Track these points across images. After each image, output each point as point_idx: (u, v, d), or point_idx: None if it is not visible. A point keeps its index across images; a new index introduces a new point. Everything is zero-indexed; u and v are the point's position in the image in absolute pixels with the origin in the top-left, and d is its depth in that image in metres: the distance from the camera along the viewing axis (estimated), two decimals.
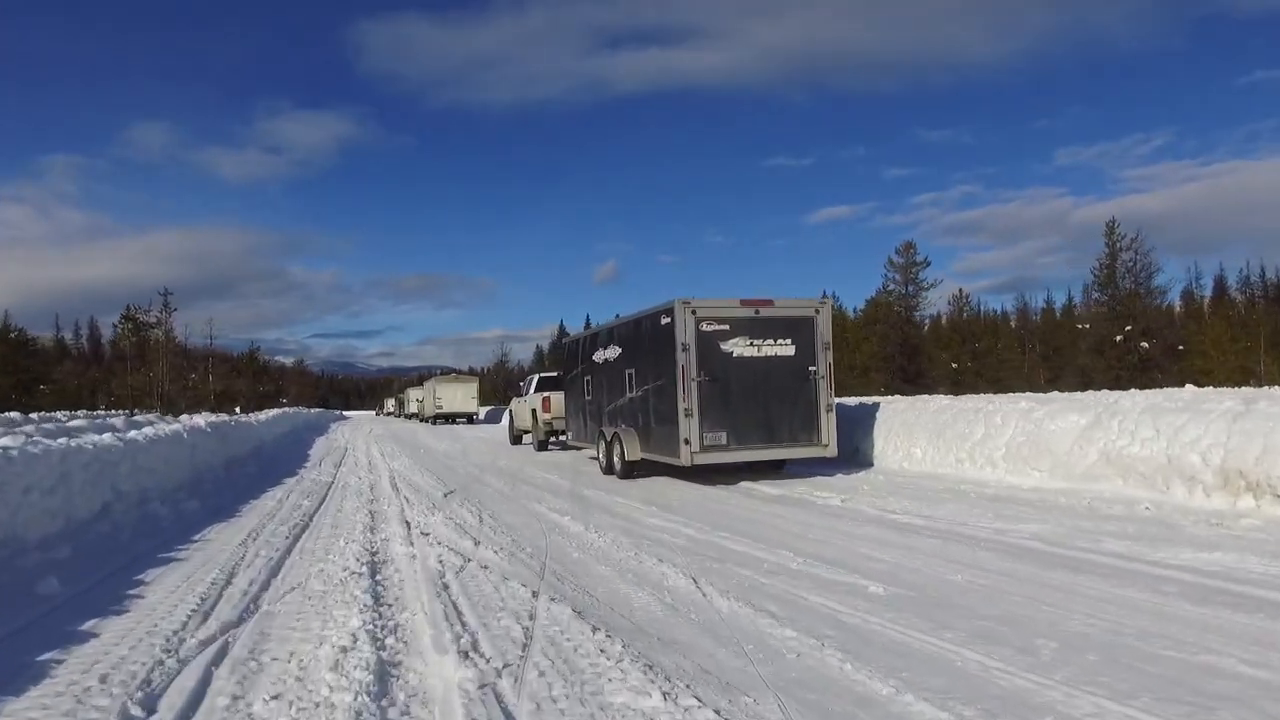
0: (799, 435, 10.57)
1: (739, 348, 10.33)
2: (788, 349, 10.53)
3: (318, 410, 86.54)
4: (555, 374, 20.57)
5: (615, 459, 11.94)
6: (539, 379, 20.18)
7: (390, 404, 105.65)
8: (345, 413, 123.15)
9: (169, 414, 41.09)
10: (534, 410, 18.90)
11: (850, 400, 15.19)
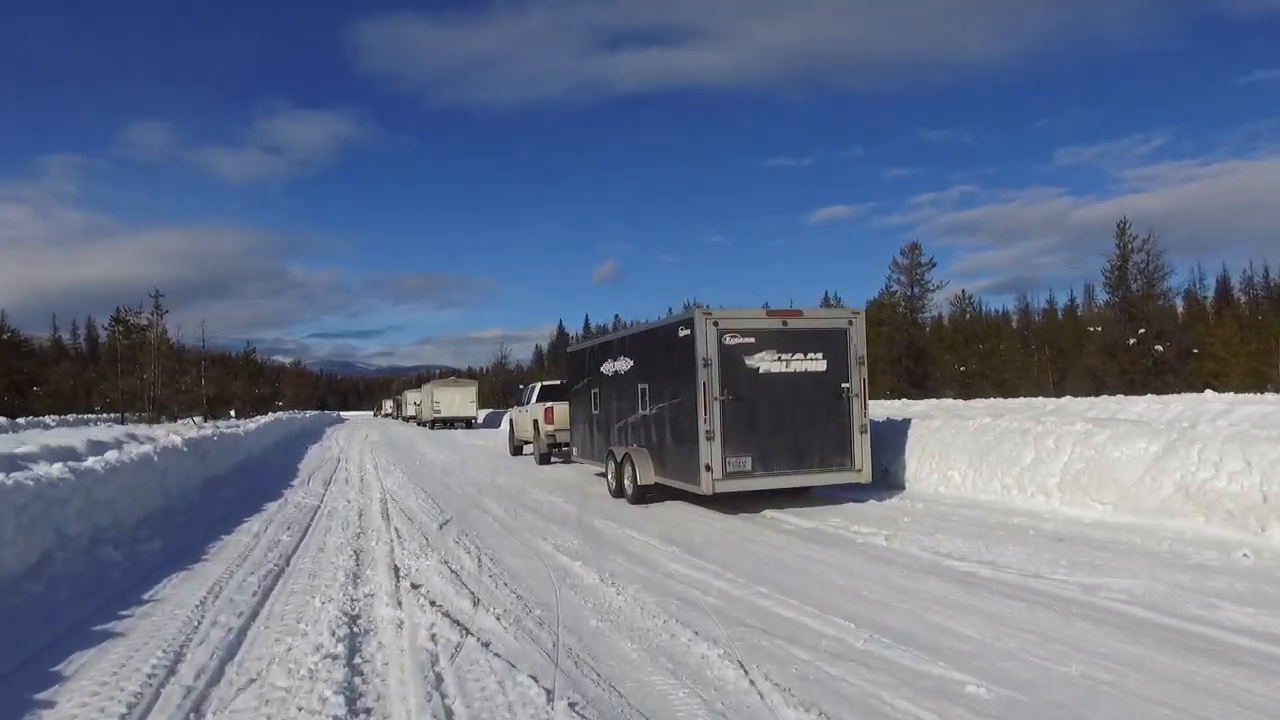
0: (830, 459, 9.63)
1: (765, 363, 9.37)
2: (818, 364, 9.58)
3: (314, 413, 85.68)
4: (558, 382, 19.64)
5: (626, 481, 11.00)
6: (540, 388, 19.23)
7: (388, 405, 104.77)
8: (343, 414, 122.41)
9: (163, 417, 40.17)
10: (536, 421, 17.95)
11: (876, 413, 14.24)
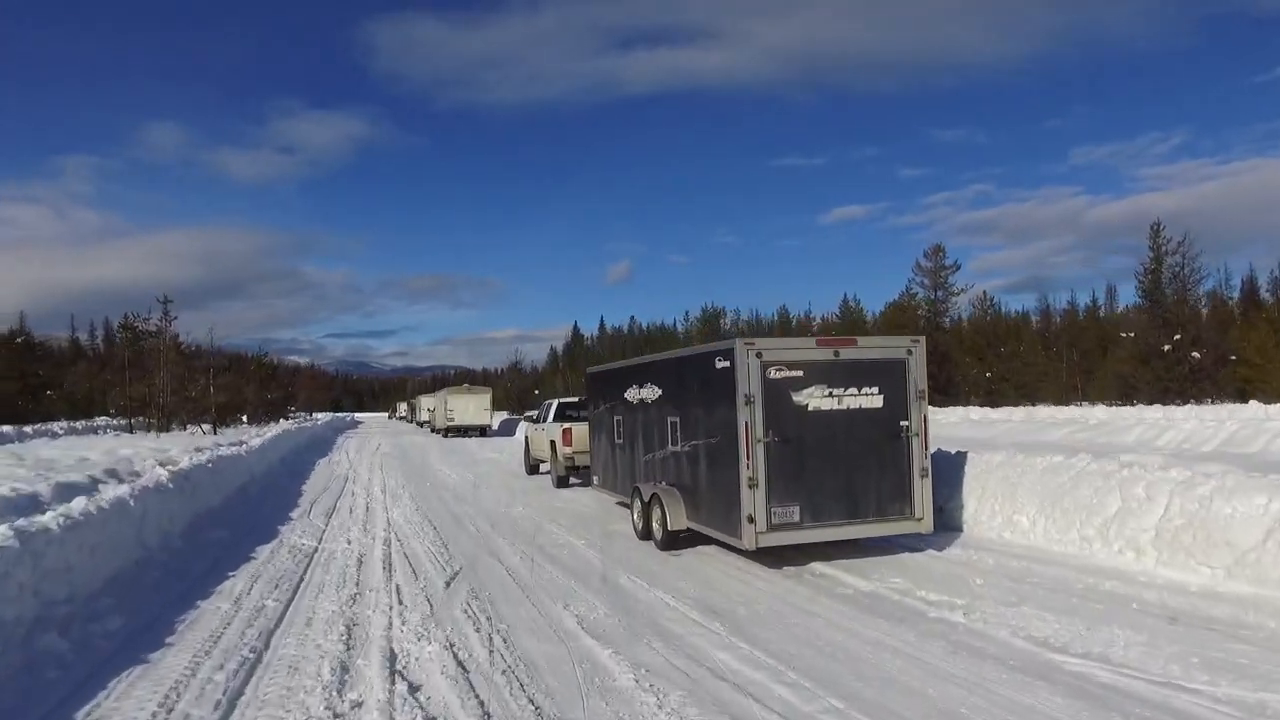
0: (887, 507, 8.50)
1: (815, 399, 8.25)
2: (874, 400, 8.45)
3: (328, 417, 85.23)
4: (575, 399, 18.60)
5: (654, 524, 9.91)
6: (557, 405, 18.17)
7: (403, 408, 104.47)
8: (357, 416, 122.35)
9: (172, 425, 39.46)
10: (553, 442, 16.90)
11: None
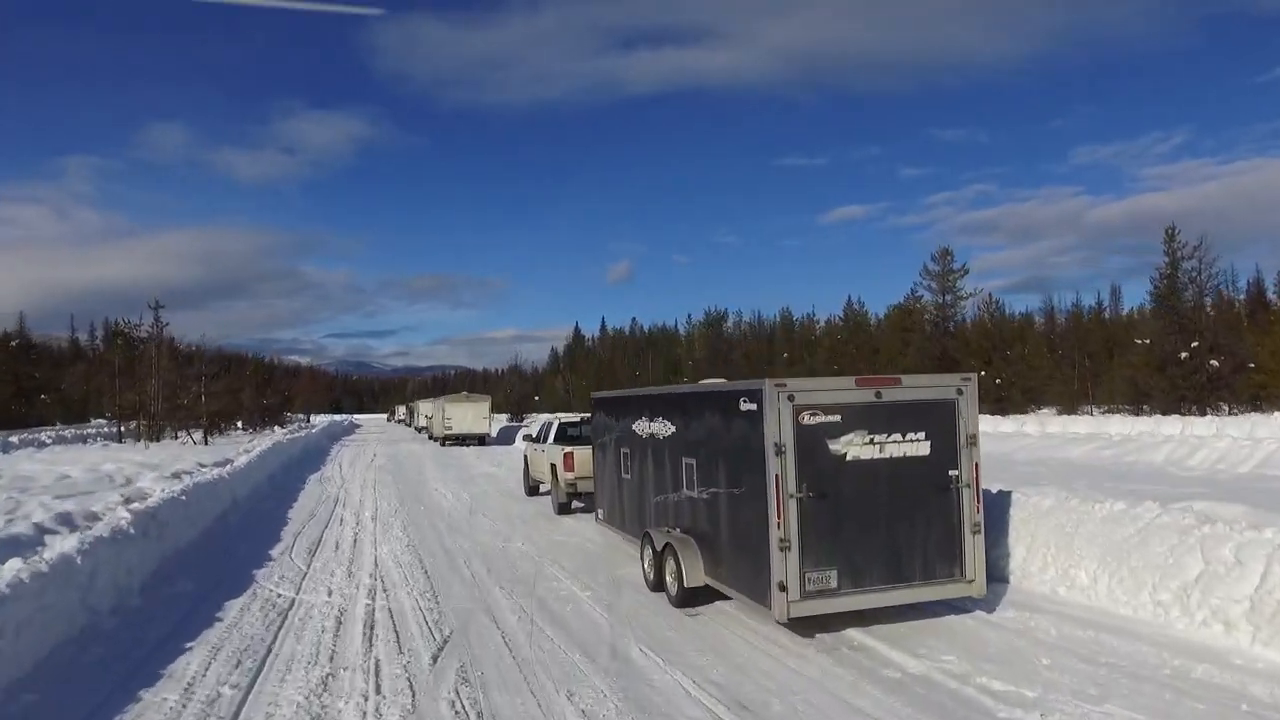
0: (935, 568, 7.47)
1: (854, 447, 7.22)
2: (920, 446, 7.42)
3: (326, 421, 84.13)
4: (577, 419, 17.61)
5: (668, 576, 8.88)
6: (558, 425, 17.15)
7: (401, 411, 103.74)
8: (356, 419, 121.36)
9: (165, 431, 38.49)
10: (554, 466, 15.88)
11: None
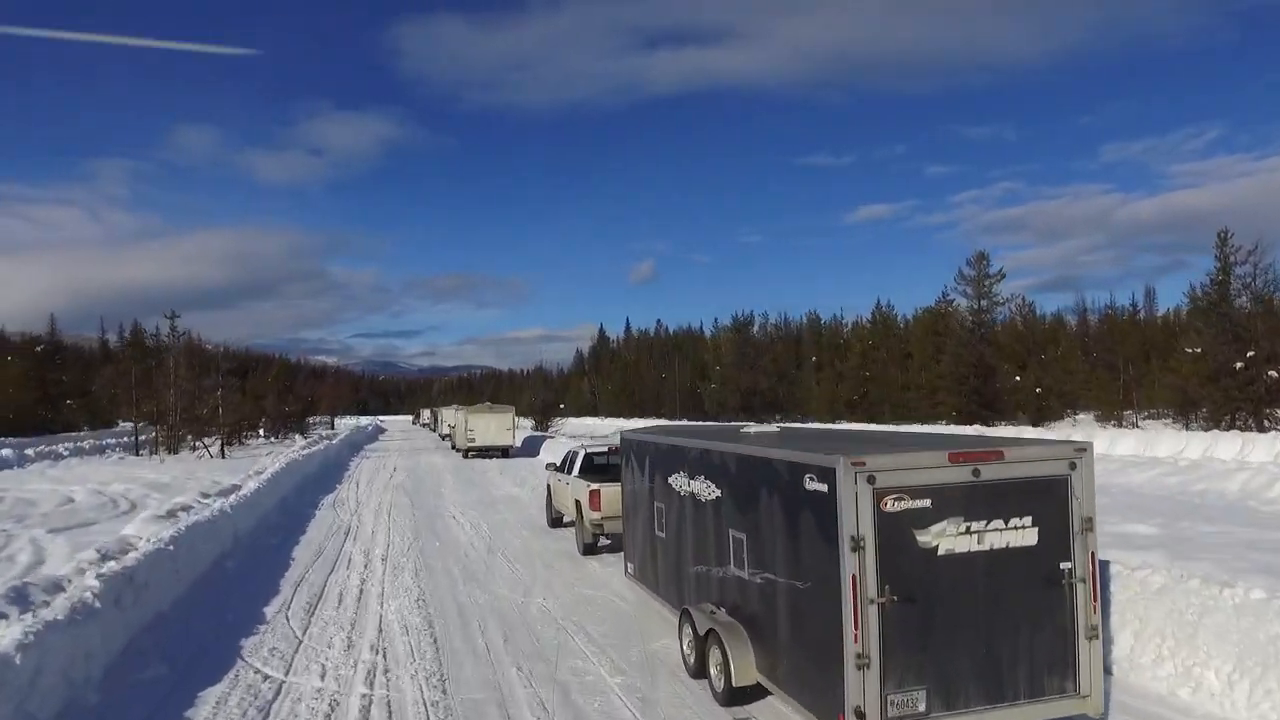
0: (1042, 681, 6.13)
1: (947, 538, 5.91)
2: (1026, 535, 6.09)
3: (350, 425, 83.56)
4: (604, 449, 16.40)
5: (711, 666, 7.62)
6: (584, 456, 15.94)
7: (426, 414, 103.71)
8: (382, 421, 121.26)
9: (183, 441, 37.90)
10: (579, 502, 14.69)
11: None
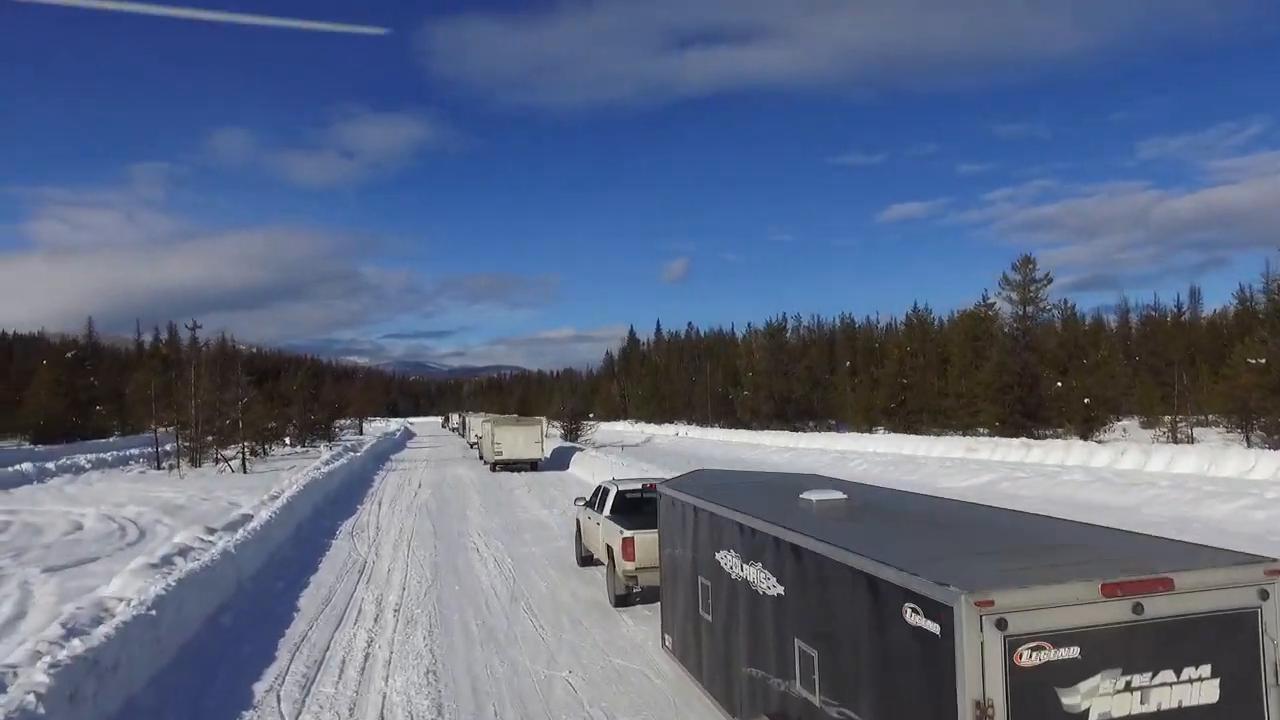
0: None
1: (1102, 699, 4.44)
2: (1204, 689, 4.61)
3: (379, 431, 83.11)
4: (639, 486, 15.02)
5: None
6: (615, 495, 14.60)
7: (455, 419, 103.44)
8: (411, 424, 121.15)
9: (205, 453, 37.26)
10: (610, 548, 13.35)
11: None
